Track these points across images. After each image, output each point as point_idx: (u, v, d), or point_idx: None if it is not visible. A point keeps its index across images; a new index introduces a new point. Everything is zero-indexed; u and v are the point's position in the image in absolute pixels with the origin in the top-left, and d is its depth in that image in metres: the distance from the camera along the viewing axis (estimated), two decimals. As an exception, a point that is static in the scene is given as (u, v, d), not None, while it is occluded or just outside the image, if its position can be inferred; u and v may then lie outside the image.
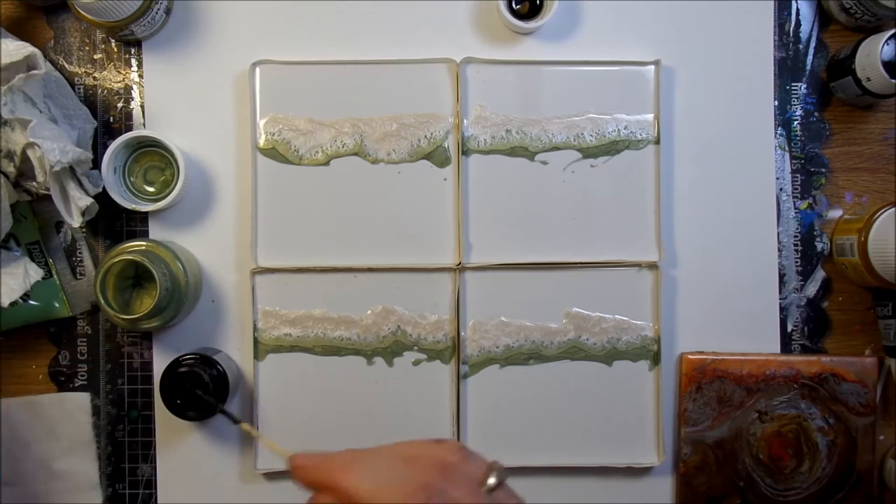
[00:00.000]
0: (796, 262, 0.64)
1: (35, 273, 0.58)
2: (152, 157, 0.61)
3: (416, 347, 0.62)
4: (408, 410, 0.62)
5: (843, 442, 0.62)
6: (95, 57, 0.63)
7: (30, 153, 0.54)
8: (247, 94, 0.62)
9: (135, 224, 0.63)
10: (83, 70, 0.63)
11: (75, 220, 0.56)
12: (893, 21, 0.62)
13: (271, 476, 0.62)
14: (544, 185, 0.62)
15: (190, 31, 0.62)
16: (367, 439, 0.62)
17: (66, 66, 0.63)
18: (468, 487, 0.39)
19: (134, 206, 0.59)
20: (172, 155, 0.59)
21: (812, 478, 0.62)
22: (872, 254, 0.59)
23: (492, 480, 0.40)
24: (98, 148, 0.62)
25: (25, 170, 0.56)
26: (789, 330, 0.64)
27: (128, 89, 0.63)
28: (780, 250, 0.64)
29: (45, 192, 0.56)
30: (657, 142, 0.62)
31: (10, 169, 0.56)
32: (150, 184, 0.62)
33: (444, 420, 0.62)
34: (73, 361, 0.63)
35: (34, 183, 0.56)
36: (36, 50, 0.55)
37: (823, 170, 0.64)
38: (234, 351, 0.62)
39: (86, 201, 0.57)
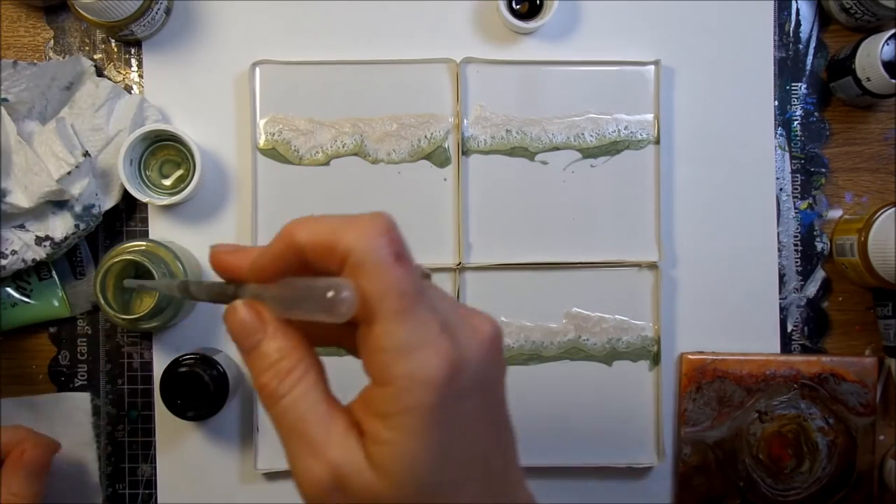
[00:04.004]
0: (796, 262, 0.64)
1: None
2: (168, 150, 0.61)
3: (416, 347, 0.62)
4: (408, 410, 0.62)
5: (843, 442, 0.62)
6: (95, 57, 0.63)
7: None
8: (247, 94, 0.62)
9: (135, 224, 0.63)
10: (83, 70, 0.63)
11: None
12: (893, 21, 0.62)
13: (271, 476, 0.62)
14: (544, 186, 0.62)
15: (190, 31, 0.62)
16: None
17: (66, 66, 0.63)
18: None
19: (149, 199, 0.59)
20: (189, 149, 0.59)
21: (812, 478, 0.62)
22: (872, 254, 0.59)
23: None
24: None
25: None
26: (789, 330, 0.64)
27: (128, 89, 0.63)
28: (780, 250, 0.64)
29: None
30: (657, 142, 0.62)
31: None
32: (166, 177, 0.62)
33: (444, 420, 0.62)
34: (73, 361, 0.63)
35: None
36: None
37: (823, 170, 0.64)
38: (234, 351, 0.62)
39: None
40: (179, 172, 0.61)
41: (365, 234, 0.29)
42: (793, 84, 0.64)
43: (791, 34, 0.64)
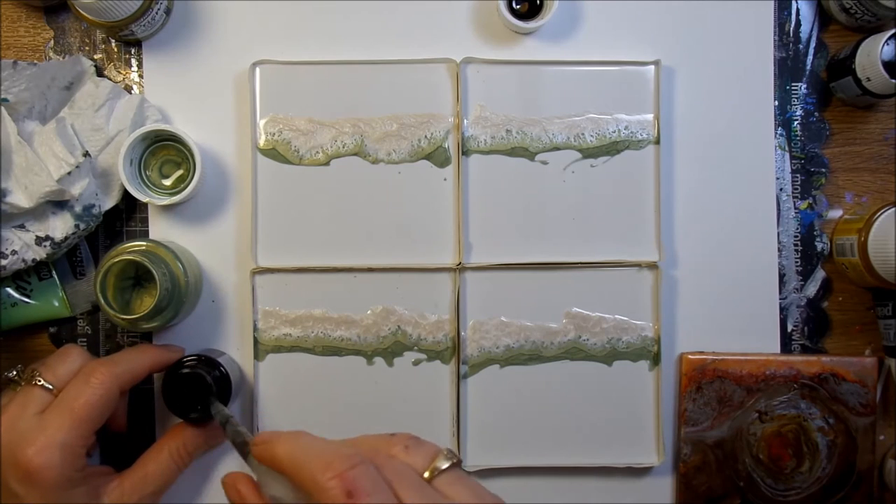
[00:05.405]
0: (796, 262, 0.64)
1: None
2: (169, 150, 0.61)
3: (416, 348, 0.62)
4: (408, 410, 0.62)
5: (843, 442, 0.62)
6: (95, 57, 0.63)
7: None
8: (247, 94, 0.62)
9: (135, 224, 0.63)
10: (83, 70, 0.63)
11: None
12: (893, 21, 0.62)
13: (271, 476, 0.62)
14: (544, 185, 0.62)
15: (190, 31, 0.62)
16: (367, 439, 0.62)
17: (66, 66, 0.63)
18: (401, 475, 0.38)
19: (149, 199, 0.59)
20: (189, 149, 0.59)
21: (812, 478, 0.62)
22: (872, 254, 0.59)
23: (440, 464, 0.40)
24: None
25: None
26: (789, 330, 0.64)
27: (128, 89, 0.63)
28: (780, 250, 0.64)
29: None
30: (657, 142, 0.62)
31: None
32: (166, 177, 0.62)
33: (444, 420, 0.62)
34: (73, 361, 0.62)
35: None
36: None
37: (823, 170, 0.64)
38: (234, 351, 0.62)
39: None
40: (179, 172, 0.61)
41: (318, 477, 0.37)
42: (793, 84, 0.64)
43: (791, 34, 0.64)
